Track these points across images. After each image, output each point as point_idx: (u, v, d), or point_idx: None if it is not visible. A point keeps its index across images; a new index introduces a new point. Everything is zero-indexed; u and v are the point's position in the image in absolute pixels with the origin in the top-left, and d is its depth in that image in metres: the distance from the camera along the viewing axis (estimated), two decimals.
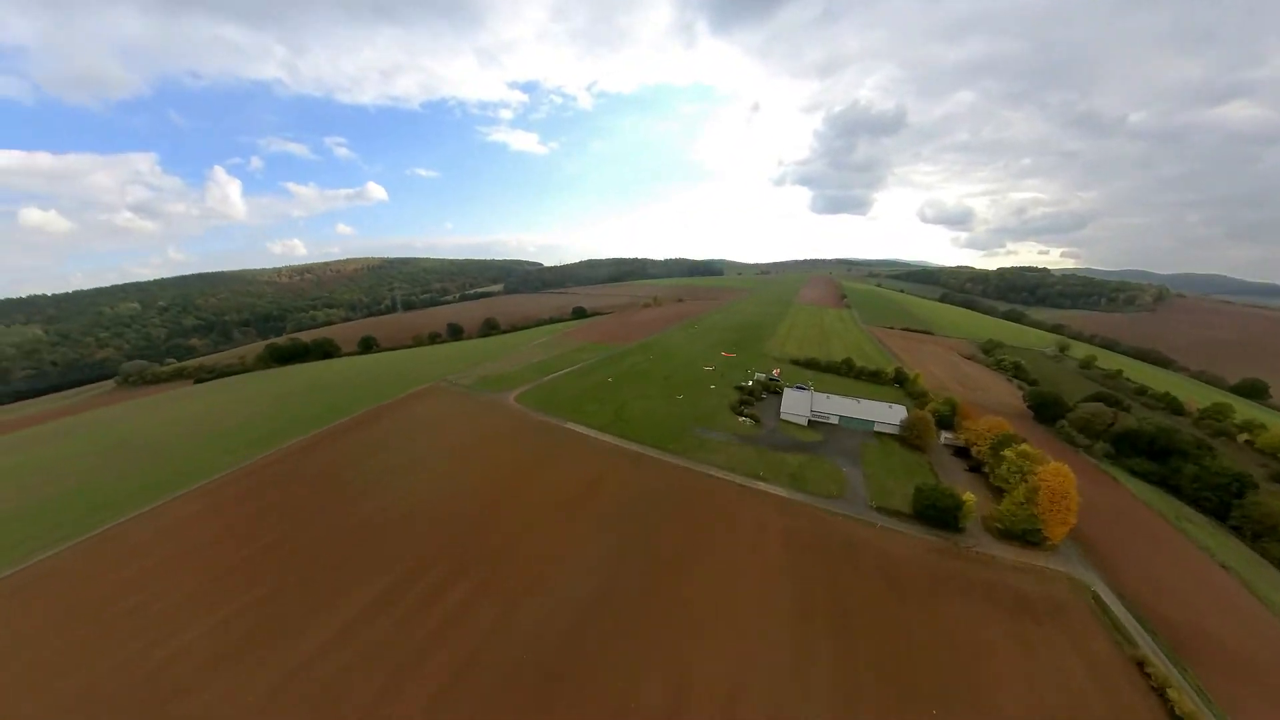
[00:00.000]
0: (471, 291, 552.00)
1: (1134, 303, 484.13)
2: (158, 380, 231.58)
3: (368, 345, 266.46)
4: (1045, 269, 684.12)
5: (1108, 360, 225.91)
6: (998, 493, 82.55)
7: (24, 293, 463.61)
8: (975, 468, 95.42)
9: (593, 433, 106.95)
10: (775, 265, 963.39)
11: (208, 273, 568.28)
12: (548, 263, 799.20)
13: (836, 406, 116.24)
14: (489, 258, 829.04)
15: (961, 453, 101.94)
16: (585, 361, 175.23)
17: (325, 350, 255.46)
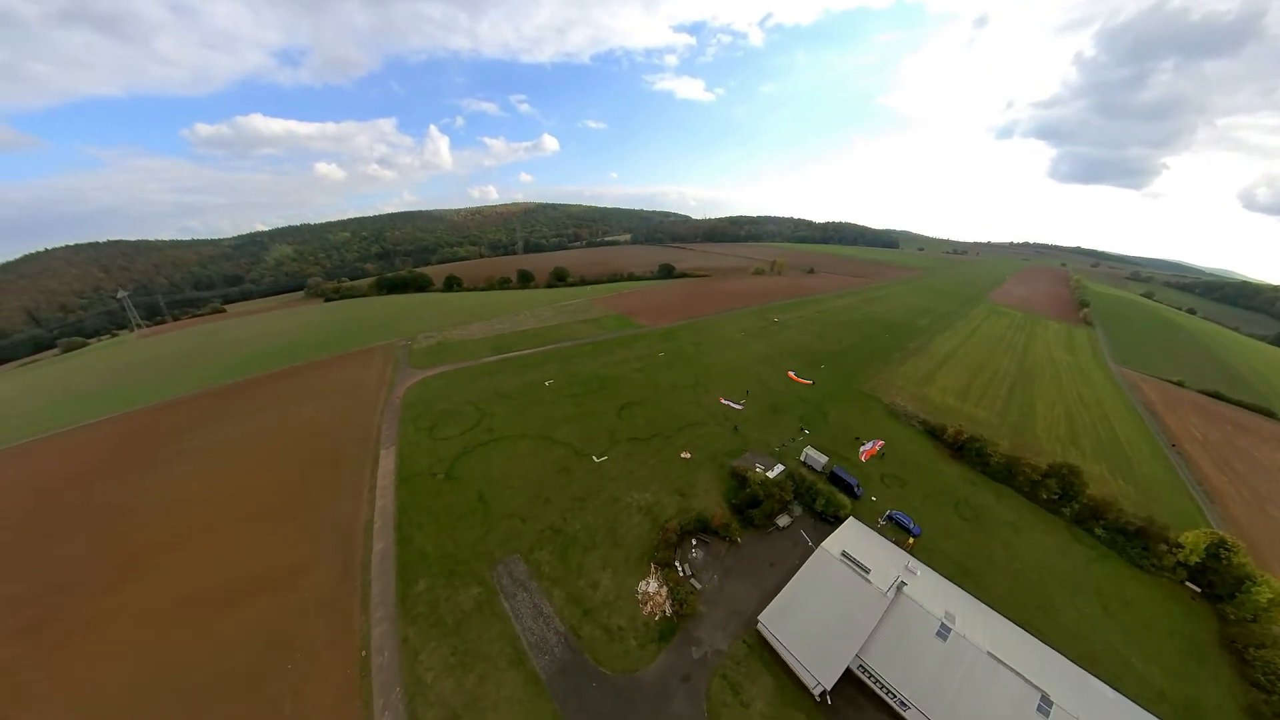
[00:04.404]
0: (599, 239, 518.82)
1: None
2: (322, 294, 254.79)
3: (450, 284, 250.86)
4: None
5: None
6: None
7: (321, 220, 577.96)
8: None
9: (383, 486, 59.83)
10: (977, 245, 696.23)
11: (408, 211, 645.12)
12: (697, 216, 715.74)
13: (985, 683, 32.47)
14: (644, 208, 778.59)
15: None
16: (569, 342, 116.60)
17: (420, 284, 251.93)
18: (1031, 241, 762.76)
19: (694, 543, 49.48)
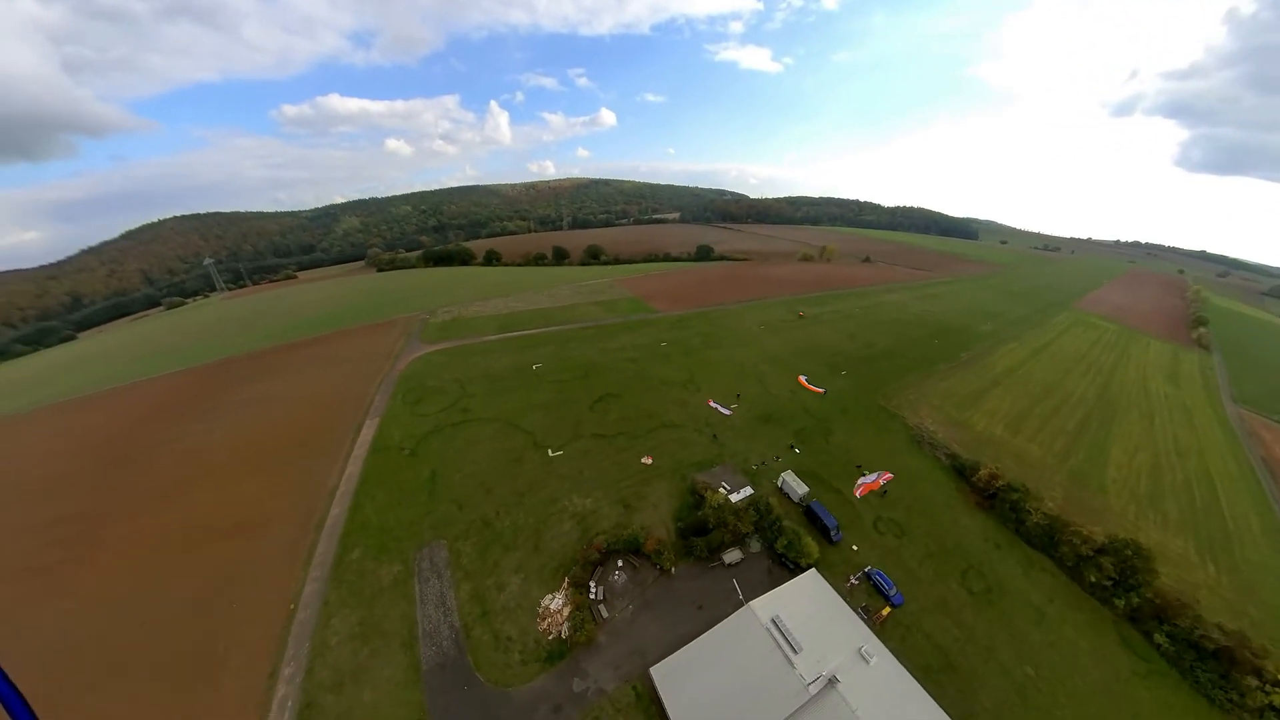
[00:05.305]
0: (646, 217, 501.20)
1: None
2: (377, 264, 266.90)
3: (489, 259, 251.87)
4: None
5: None
6: None
7: (387, 194, 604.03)
8: None
9: (358, 455, 61.12)
10: (1074, 242, 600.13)
11: (465, 186, 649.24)
12: (755, 196, 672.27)
13: None
14: (700, 186, 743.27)
15: None
16: (575, 324, 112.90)
17: (463, 258, 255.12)
18: (1143, 241, 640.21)
19: (619, 564, 43.08)
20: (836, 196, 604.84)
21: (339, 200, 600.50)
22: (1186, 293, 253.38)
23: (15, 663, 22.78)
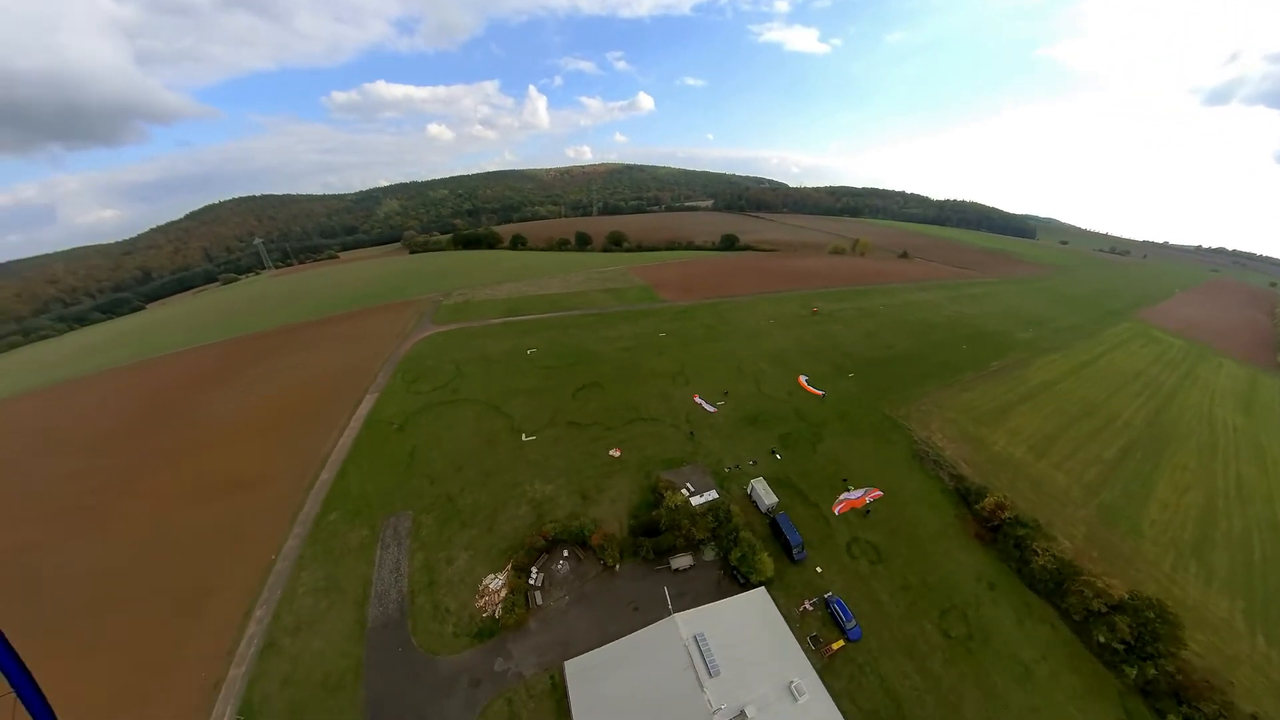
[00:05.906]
0: (678, 204, 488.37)
1: None
2: (411, 245, 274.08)
3: (515, 243, 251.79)
4: None
5: None
6: None
7: (427, 178, 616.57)
8: None
9: (353, 426, 63.90)
10: (1147, 245, 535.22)
11: (500, 170, 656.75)
12: (796, 185, 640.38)
13: None
14: (739, 174, 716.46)
15: None
16: (578, 310, 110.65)
17: (490, 242, 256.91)
18: (1230, 248, 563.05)
19: (565, 554, 41.72)
20: (881, 187, 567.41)
21: (383, 184, 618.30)
22: (1277, 308, 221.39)
23: (52, 584, 41.98)
